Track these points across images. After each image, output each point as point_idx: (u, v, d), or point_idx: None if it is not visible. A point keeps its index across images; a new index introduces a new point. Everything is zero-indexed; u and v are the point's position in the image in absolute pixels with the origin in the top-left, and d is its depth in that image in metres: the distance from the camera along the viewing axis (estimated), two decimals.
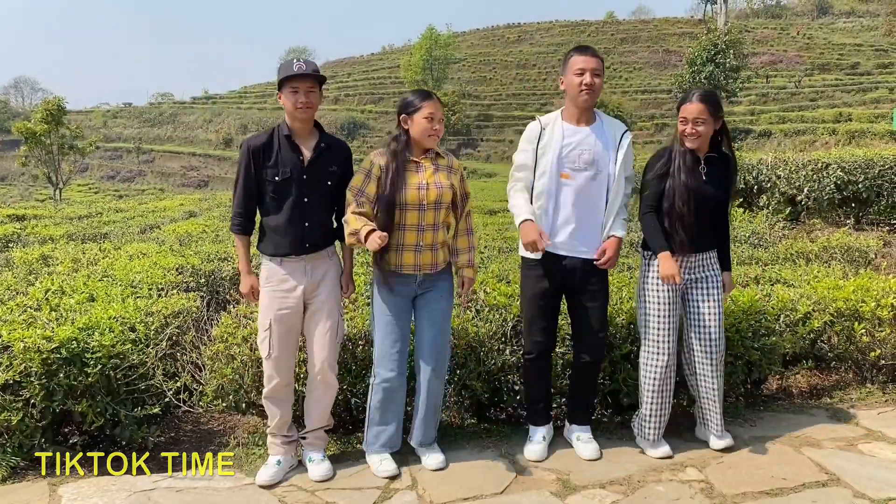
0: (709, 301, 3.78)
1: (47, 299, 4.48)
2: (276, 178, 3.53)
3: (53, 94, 40.79)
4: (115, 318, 3.96)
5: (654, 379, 3.79)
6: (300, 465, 3.74)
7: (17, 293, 4.95)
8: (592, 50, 3.72)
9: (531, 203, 3.74)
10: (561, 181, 3.68)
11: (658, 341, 3.76)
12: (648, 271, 3.81)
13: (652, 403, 3.81)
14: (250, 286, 3.66)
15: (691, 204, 3.66)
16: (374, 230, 3.37)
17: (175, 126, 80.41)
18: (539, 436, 3.87)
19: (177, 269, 5.79)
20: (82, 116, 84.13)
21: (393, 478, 3.57)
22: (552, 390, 4.05)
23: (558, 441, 3.96)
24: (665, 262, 3.66)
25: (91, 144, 38.94)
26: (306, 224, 3.57)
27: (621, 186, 3.74)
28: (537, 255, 3.67)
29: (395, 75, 74.69)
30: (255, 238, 3.75)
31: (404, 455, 3.81)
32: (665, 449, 3.81)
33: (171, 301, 4.63)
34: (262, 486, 3.51)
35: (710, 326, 3.76)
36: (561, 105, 3.93)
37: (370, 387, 3.70)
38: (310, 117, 3.59)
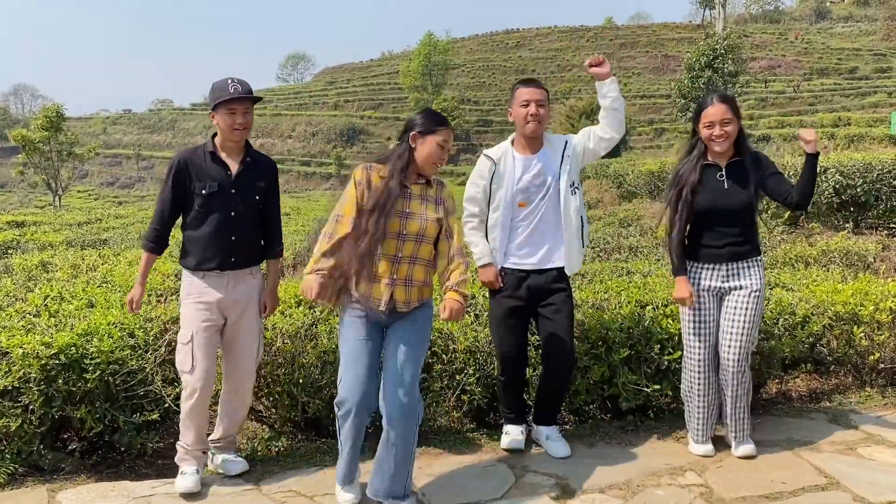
0: (738, 311, 3.74)
1: (46, 305, 4.48)
2: (203, 192, 3.51)
3: (53, 101, 40.92)
4: (114, 323, 3.96)
5: (688, 380, 3.89)
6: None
7: (17, 299, 4.95)
8: (537, 82, 3.94)
9: (486, 235, 3.94)
10: (518, 210, 3.86)
11: (689, 347, 3.84)
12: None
13: (689, 401, 3.91)
14: (135, 297, 3.63)
15: (709, 216, 3.73)
16: (313, 281, 3.19)
17: (175, 132, 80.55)
18: (517, 430, 3.97)
19: (176, 275, 5.78)
20: (82, 123, 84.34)
21: None
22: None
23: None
24: (678, 286, 3.79)
25: (90, 151, 39.01)
26: (233, 238, 3.56)
27: (569, 197, 3.83)
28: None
29: (395, 81, 74.86)
30: (174, 252, 3.73)
31: None
32: (708, 448, 3.86)
33: (170, 307, 4.62)
34: (184, 495, 3.45)
35: (734, 336, 3.74)
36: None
37: (336, 418, 3.37)
38: (244, 137, 3.60)
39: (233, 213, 3.56)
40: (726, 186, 3.72)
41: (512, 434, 3.95)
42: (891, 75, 52.92)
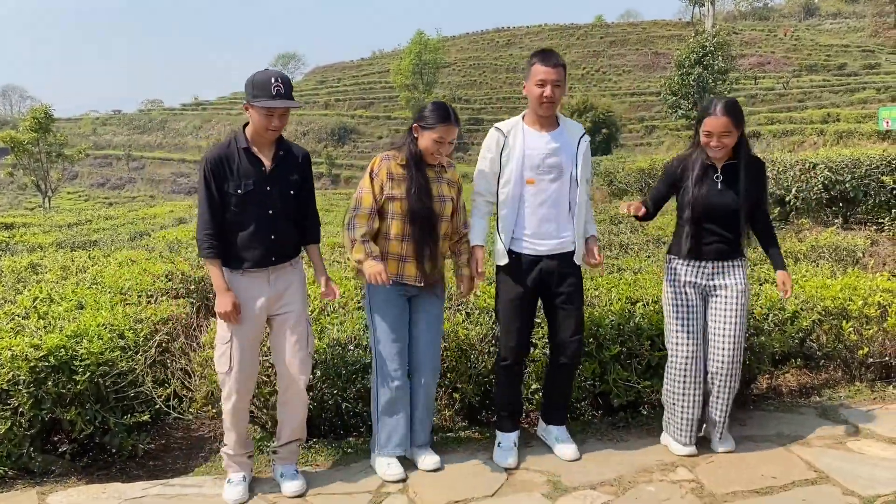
0: (727, 310, 3.75)
1: (35, 307, 4.46)
2: (239, 192, 3.36)
3: (42, 102, 40.66)
4: (103, 325, 3.95)
5: (673, 379, 3.83)
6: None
7: (6, 301, 4.92)
8: (555, 58, 3.70)
9: (497, 210, 3.80)
10: (526, 186, 3.72)
11: (676, 343, 3.80)
12: (669, 274, 3.87)
13: (673, 403, 3.84)
14: (232, 302, 3.36)
15: (701, 214, 3.70)
16: (378, 265, 3.45)
17: (165, 133, 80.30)
18: (510, 442, 3.83)
19: (166, 276, 5.76)
20: (71, 124, 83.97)
21: (401, 481, 3.56)
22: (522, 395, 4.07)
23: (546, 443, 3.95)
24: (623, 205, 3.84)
25: (80, 152, 38.76)
26: (272, 237, 3.43)
27: (584, 189, 3.77)
28: (502, 262, 3.77)
29: (386, 80, 74.76)
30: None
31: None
32: (692, 449, 3.81)
33: (160, 308, 4.62)
34: None
35: (725, 334, 3.75)
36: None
37: (374, 390, 3.67)
38: (277, 135, 3.45)
39: (270, 211, 3.41)
40: (720, 187, 3.72)
41: (504, 445, 3.81)
42: (879, 71, 53.24)
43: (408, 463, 3.75)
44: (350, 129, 66.40)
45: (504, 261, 3.75)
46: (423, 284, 3.67)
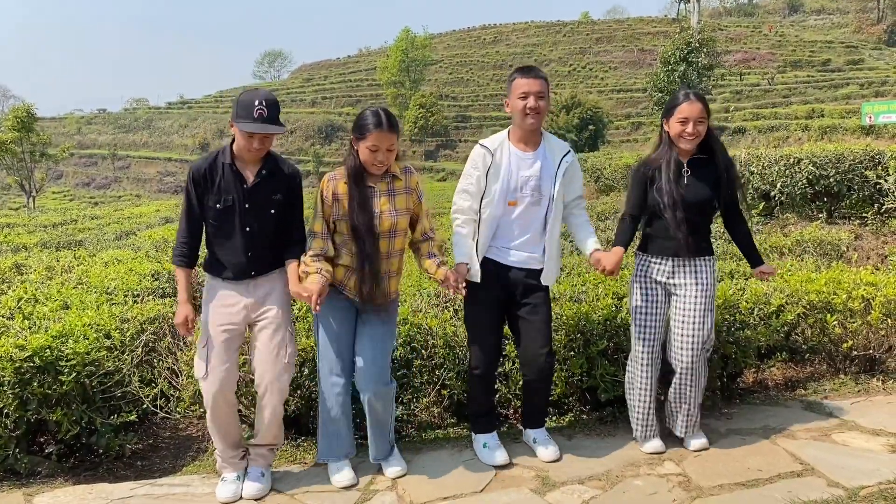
0: (692, 308, 3.71)
1: (20, 308, 4.43)
2: (218, 206, 3.36)
3: (24, 101, 40.32)
4: (89, 325, 3.92)
5: (632, 375, 3.85)
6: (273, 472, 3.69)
7: None
8: (536, 71, 3.68)
9: (478, 228, 3.71)
10: (507, 207, 3.67)
11: (643, 339, 3.78)
12: (639, 271, 3.84)
13: (636, 400, 3.84)
14: (185, 316, 3.42)
15: (678, 211, 3.64)
16: (316, 286, 3.31)
17: (150, 131, 79.86)
18: (494, 440, 3.82)
19: (152, 275, 5.75)
20: (55, 123, 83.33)
21: (349, 487, 3.50)
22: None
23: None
24: (613, 256, 3.67)
25: (64, 151, 38.48)
26: (249, 254, 3.41)
27: (560, 209, 3.73)
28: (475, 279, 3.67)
29: (373, 77, 74.71)
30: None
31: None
32: (656, 444, 3.82)
33: (146, 307, 4.60)
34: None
35: (690, 334, 3.71)
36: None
37: (319, 395, 3.61)
38: (261, 156, 3.42)
39: (247, 229, 3.39)
40: (686, 182, 3.69)
41: (490, 445, 3.78)
42: (862, 67, 53.72)
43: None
44: (337, 126, 66.27)
45: (477, 278, 3.66)
46: (358, 301, 3.53)
